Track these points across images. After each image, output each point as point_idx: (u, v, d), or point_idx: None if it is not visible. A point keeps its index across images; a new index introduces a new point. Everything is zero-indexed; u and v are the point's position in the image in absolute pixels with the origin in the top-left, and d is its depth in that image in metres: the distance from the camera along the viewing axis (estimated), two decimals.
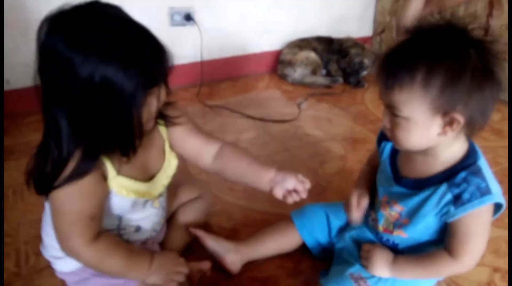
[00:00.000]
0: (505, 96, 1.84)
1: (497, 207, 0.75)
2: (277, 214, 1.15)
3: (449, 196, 0.72)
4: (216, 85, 2.01)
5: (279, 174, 0.80)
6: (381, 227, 0.85)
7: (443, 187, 0.72)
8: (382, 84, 0.69)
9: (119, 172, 0.72)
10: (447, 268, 0.77)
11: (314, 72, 2.07)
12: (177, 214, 1.00)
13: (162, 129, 0.82)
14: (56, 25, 0.60)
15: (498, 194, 0.72)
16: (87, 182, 0.67)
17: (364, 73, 2.06)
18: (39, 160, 0.67)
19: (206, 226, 1.09)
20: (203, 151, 0.85)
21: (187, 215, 1.00)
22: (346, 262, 0.88)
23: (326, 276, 0.87)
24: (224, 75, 2.08)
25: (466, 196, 0.70)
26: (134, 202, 0.77)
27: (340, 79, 2.07)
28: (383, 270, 0.81)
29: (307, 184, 0.80)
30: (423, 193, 0.76)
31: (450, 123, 0.67)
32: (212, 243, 0.95)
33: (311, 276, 0.95)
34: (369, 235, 0.90)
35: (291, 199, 0.79)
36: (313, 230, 0.97)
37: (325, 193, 1.26)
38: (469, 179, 0.71)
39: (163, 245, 0.96)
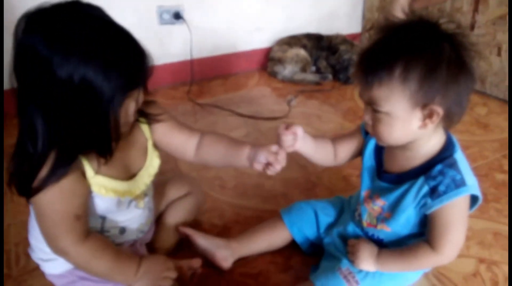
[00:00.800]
0: (489, 89, 1.87)
1: (475, 200, 0.76)
2: (268, 211, 1.16)
3: (426, 189, 0.74)
4: (206, 83, 2.01)
5: (252, 150, 0.80)
6: (364, 222, 0.87)
7: (421, 180, 0.74)
8: (362, 82, 0.71)
9: (97, 171, 0.71)
10: (429, 259, 0.79)
11: (303, 69, 2.08)
12: (166, 213, 1.00)
13: (144, 128, 0.81)
14: (35, 23, 0.59)
15: (473, 186, 0.73)
16: (67, 182, 0.66)
17: (353, 70, 2.07)
18: (17, 160, 0.66)
19: (197, 223, 1.09)
20: (187, 146, 0.85)
21: (177, 213, 0.99)
22: (334, 257, 0.89)
23: (316, 271, 0.89)
24: (214, 73, 2.08)
25: (442, 188, 0.72)
26: (117, 202, 0.76)
27: (330, 76, 2.08)
28: (369, 264, 0.82)
29: (281, 155, 0.79)
30: (402, 187, 0.77)
31: (429, 115, 0.69)
32: (203, 241, 0.95)
33: (301, 271, 0.96)
34: (355, 230, 0.91)
35: (269, 172, 0.79)
36: (302, 226, 0.98)
37: (315, 189, 1.27)
38: (445, 171, 0.72)
39: (152, 245, 0.95)
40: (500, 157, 1.43)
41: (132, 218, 0.83)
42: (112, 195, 0.74)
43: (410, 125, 0.70)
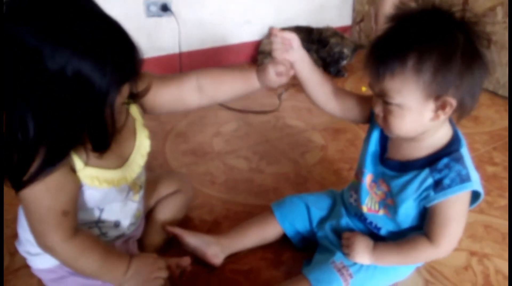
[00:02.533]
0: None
1: (475, 196, 0.76)
2: (259, 206, 1.14)
3: (430, 181, 0.73)
4: None
5: (260, 70, 0.81)
6: (365, 207, 0.85)
7: (425, 172, 0.73)
8: (373, 73, 0.69)
9: (87, 163, 0.69)
10: (426, 253, 0.78)
11: None
12: (156, 210, 0.98)
13: (131, 108, 0.79)
14: (20, 11, 0.56)
15: (477, 182, 0.73)
16: (54, 177, 0.64)
17: (344, 62, 2.06)
18: (6, 154, 0.63)
19: (187, 220, 1.08)
20: (184, 94, 0.82)
21: (166, 211, 0.98)
22: (327, 250, 0.88)
23: (308, 265, 0.88)
24: (203, 67, 2.02)
25: (446, 181, 0.71)
26: (115, 191, 0.74)
27: (320, 69, 2.06)
28: (364, 257, 0.82)
29: (287, 61, 0.79)
30: (407, 176, 0.76)
31: (442, 106, 0.68)
32: (192, 239, 0.94)
33: (292, 266, 0.95)
34: (348, 223, 0.90)
35: (282, 79, 0.80)
36: (294, 220, 0.97)
37: (306, 183, 1.26)
38: (451, 165, 0.72)
39: (142, 242, 0.94)
40: (491, 150, 1.44)
41: (128, 211, 0.81)
42: (106, 185, 0.72)
43: (422, 117, 0.69)
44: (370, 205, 0.85)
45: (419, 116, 0.69)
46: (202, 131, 1.53)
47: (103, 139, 0.65)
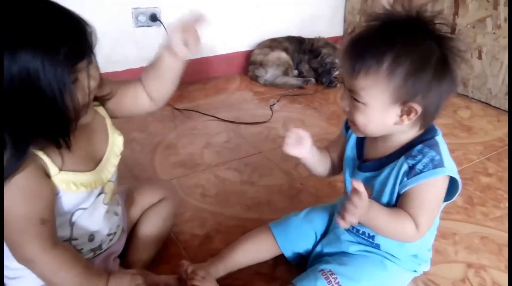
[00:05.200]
0: (471, 92, 1.88)
1: (454, 189, 0.75)
2: (251, 219, 1.12)
3: (405, 167, 0.73)
4: (185, 88, 1.96)
5: (165, 45, 0.78)
6: None
7: (401, 160, 0.74)
8: (348, 68, 0.70)
9: (62, 168, 0.66)
10: (407, 229, 0.73)
11: (286, 73, 2.06)
12: (140, 223, 0.93)
13: (99, 108, 0.77)
14: None
15: (451, 169, 0.73)
16: (28, 183, 0.62)
17: (336, 73, 2.06)
18: None
19: (177, 234, 1.05)
20: (139, 95, 0.80)
21: (152, 222, 0.93)
22: (318, 261, 0.87)
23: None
24: (193, 77, 2.03)
25: (419, 166, 0.71)
26: (89, 193, 0.72)
27: (313, 80, 2.06)
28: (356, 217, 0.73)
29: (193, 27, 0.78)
30: (385, 171, 0.77)
31: (407, 112, 0.70)
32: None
33: (286, 282, 0.91)
34: (337, 247, 0.88)
35: (190, 51, 0.78)
36: (297, 244, 0.94)
37: (300, 195, 1.24)
38: (425, 151, 0.72)
39: (127, 258, 0.90)
40: (484, 160, 1.43)
41: (99, 221, 0.77)
42: (84, 189, 0.69)
43: (386, 119, 0.71)
44: None
45: (383, 118, 0.71)
46: (192, 143, 1.50)
47: (64, 130, 0.62)
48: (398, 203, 0.76)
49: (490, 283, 0.95)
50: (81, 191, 0.69)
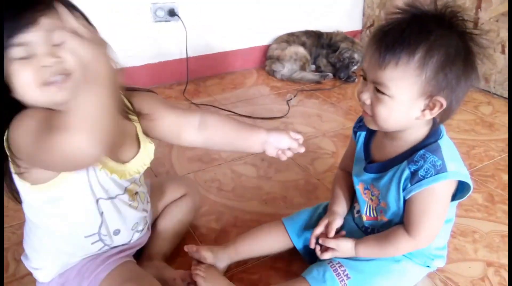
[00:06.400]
0: (494, 87, 1.84)
1: (466, 188, 0.76)
2: (267, 214, 1.12)
3: (407, 173, 0.73)
4: (202, 83, 1.97)
5: (272, 135, 0.78)
6: (364, 216, 0.86)
7: (404, 164, 0.74)
8: (375, 59, 0.69)
9: None
10: (404, 245, 0.78)
11: (303, 68, 2.04)
12: (162, 217, 0.96)
13: (130, 115, 0.76)
14: None
15: (455, 173, 0.73)
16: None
17: (355, 68, 2.04)
18: None
19: (194, 228, 1.06)
20: (184, 126, 0.79)
21: (174, 216, 0.96)
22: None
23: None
24: (210, 72, 2.04)
25: (421, 173, 0.72)
26: (113, 183, 0.72)
27: (330, 75, 2.04)
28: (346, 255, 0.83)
29: (301, 139, 0.79)
30: (388, 174, 0.77)
31: (431, 106, 0.69)
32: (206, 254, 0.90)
33: None
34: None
35: (284, 157, 0.79)
36: (308, 236, 0.93)
37: (316, 191, 1.23)
38: (426, 156, 0.72)
39: (148, 251, 0.92)
40: (506, 157, 1.40)
41: (127, 216, 0.79)
42: (108, 171, 0.69)
43: (409, 112, 0.70)
44: (369, 212, 0.85)
45: (406, 112, 0.70)
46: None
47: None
48: (404, 208, 0.77)
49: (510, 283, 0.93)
50: (105, 170, 0.69)
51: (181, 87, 1.89)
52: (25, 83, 0.59)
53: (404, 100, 0.69)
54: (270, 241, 0.95)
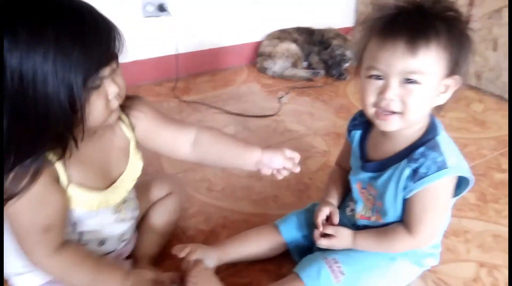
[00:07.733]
0: (485, 85, 1.84)
1: (466, 181, 0.75)
2: (258, 214, 1.11)
3: (408, 171, 0.72)
4: (192, 80, 1.94)
5: (266, 155, 0.77)
6: (358, 214, 0.85)
7: (403, 163, 0.73)
8: (401, 49, 0.66)
9: (70, 180, 0.65)
10: (403, 243, 0.78)
11: (295, 65, 2.02)
12: (147, 217, 0.93)
13: (125, 127, 0.75)
14: None
15: (457, 168, 0.72)
16: (35, 189, 0.60)
17: (346, 65, 2.02)
18: None
19: (183, 229, 1.04)
20: (179, 141, 0.79)
21: (159, 216, 0.93)
22: (322, 250, 0.87)
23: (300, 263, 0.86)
24: (201, 69, 2.01)
25: (423, 170, 0.71)
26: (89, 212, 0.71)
27: (322, 72, 2.02)
28: (344, 246, 0.83)
29: (297, 158, 0.78)
30: (386, 173, 0.76)
31: (444, 89, 0.70)
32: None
33: None
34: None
35: (280, 176, 0.78)
36: (299, 233, 0.94)
37: (308, 190, 1.22)
38: (427, 153, 0.71)
39: (134, 253, 0.89)
40: (498, 156, 1.40)
41: (110, 228, 0.77)
42: (84, 208, 0.69)
43: (435, 97, 0.71)
44: (363, 212, 0.84)
45: (434, 96, 0.70)
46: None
47: (70, 134, 0.61)
48: (405, 207, 0.76)
49: (503, 283, 0.92)
50: (88, 210, 0.69)
51: (171, 84, 1.87)
52: (100, 111, 0.62)
53: (433, 83, 0.68)
54: (260, 241, 0.93)
